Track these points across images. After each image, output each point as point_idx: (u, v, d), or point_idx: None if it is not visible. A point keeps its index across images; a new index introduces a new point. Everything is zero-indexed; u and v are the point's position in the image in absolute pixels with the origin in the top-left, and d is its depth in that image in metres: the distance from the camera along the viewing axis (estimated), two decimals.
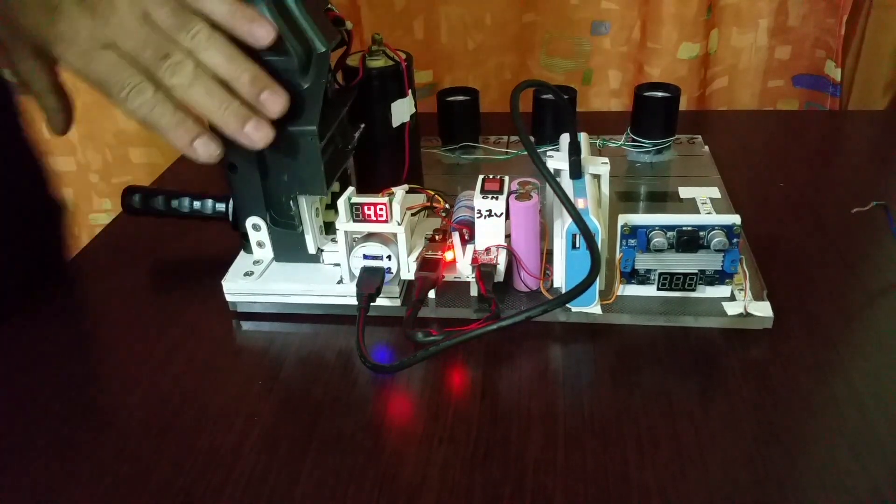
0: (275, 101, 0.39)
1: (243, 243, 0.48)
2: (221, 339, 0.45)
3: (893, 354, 0.40)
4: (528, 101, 0.63)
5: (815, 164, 0.63)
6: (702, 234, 0.41)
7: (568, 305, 0.43)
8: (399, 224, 0.43)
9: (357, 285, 0.43)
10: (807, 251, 0.49)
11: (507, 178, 0.45)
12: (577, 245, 0.41)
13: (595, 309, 0.43)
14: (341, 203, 0.42)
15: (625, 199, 0.56)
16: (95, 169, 0.92)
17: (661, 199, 0.55)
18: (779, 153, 0.64)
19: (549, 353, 0.42)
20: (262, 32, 0.38)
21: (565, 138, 0.47)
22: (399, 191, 0.44)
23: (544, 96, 0.62)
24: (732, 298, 0.43)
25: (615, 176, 0.53)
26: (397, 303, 0.45)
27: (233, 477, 0.35)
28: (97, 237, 0.58)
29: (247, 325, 0.46)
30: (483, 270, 0.43)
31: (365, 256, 0.43)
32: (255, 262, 0.47)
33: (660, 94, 0.60)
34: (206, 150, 0.39)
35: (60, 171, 0.92)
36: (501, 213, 0.43)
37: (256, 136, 0.39)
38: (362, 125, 0.49)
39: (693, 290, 0.43)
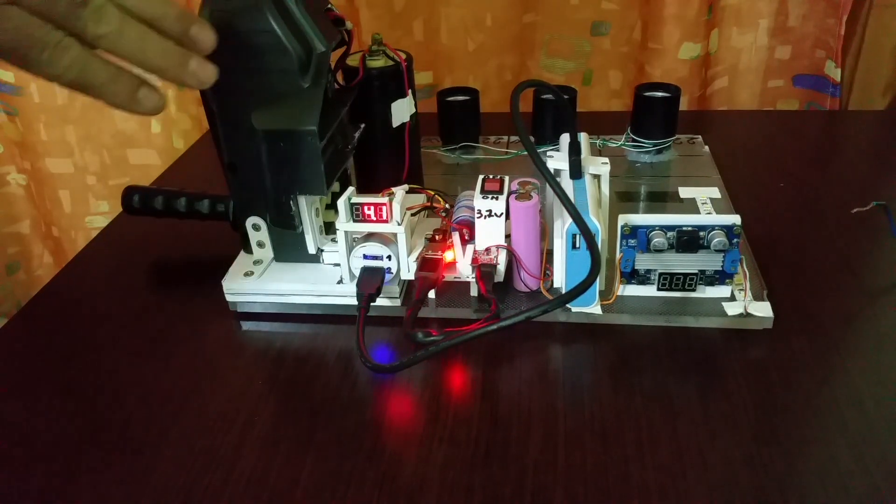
0: (206, 35, 0.35)
1: (243, 243, 0.48)
2: (221, 339, 0.45)
3: (893, 354, 0.40)
4: (528, 102, 0.63)
5: (815, 164, 0.62)
6: (702, 234, 0.41)
7: (568, 305, 0.43)
8: (399, 224, 0.43)
9: (357, 285, 0.43)
10: (807, 251, 0.49)
11: (507, 178, 0.45)
12: (577, 245, 0.41)
13: (595, 309, 0.43)
14: (341, 203, 0.42)
15: (625, 199, 0.56)
16: (93, 171, 0.92)
17: (661, 199, 0.55)
18: (779, 153, 0.64)
19: (549, 353, 0.42)
20: None
21: (565, 138, 0.47)
22: (399, 191, 0.44)
23: (544, 96, 0.62)
24: (732, 298, 0.43)
25: (615, 176, 0.53)
26: (397, 303, 0.45)
27: (233, 477, 0.35)
28: (97, 237, 0.58)
29: (247, 325, 0.46)
30: (483, 270, 0.43)
31: (365, 256, 0.43)
32: (255, 262, 0.47)
33: (660, 94, 0.60)
34: (151, 101, 0.34)
35: (57, 174, 0.92)
36: (501, 213, 0.43)
37: (203, 73, 0.35)
38: (362, 125, 0.49)
39: (693, 290, 0.43)
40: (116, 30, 0.32)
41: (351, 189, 0.43)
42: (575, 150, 0.44)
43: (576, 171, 0.44)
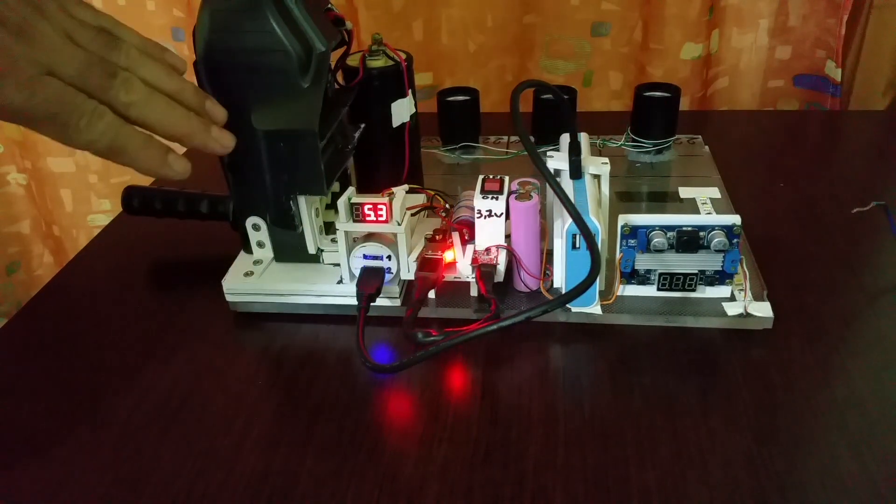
0: (219, 110, 0.39)
1: (243, 243, 0.48)
2: (221, 339, 0.45)
3: (893, 354, 0.40)
4: (528, 102, 0.63)
5: (815, 164, 0.62)
6: (702, 234, 0.41)
7: (568, 306, 0.43)
8: (399, 224, 0.43)
9: (357, 285, 0.43)
10: (807, 251, 0.49)
11: (507, 178, 0.45)
12: (577, 245, 0.41)
13: (595, 309, 0.43)
14: (341, 203, 0.42)
15: (625, 199, 0.56)
16: (95, 170, 0.92)
17: (661, 199, 0.55)
18: (779, 153, 0.64)
19: (549, 354, 0.42)
20: (178, 60, 0.38)
21: (565, 138, 0.47)
22: (399, 191, 0.44)
23: (544, 96, 0.62)
24: (732, 299, 0.43)
25: (615, 176, 0.53)
26: (397, 303, 0.45)
27: (233, 477, 0.35)
28: (97, 237, 0.58)
29: (247, 325, 0.46)
30: (483, 270, 0.43)
31: (365, 256, 0.43)
32: (255, 262, 0.47)
33: (660, 94, 0.60)
34: (180, 165, 0.37)
35: (59, 172, 0.92)
36: (501, 213, 0.43)
37: (224, 139, 0.39)
38: (362, 125, 0.49)
39: (693, 290, 0.43)
40: (144, 99, 0.35)
41: (351, 189, 0.43)
42: (575, 150, 0.44)
43: (576, 171, 0.44)
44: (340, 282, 0.45)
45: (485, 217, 0.43)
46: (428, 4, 0.80)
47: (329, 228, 0.47)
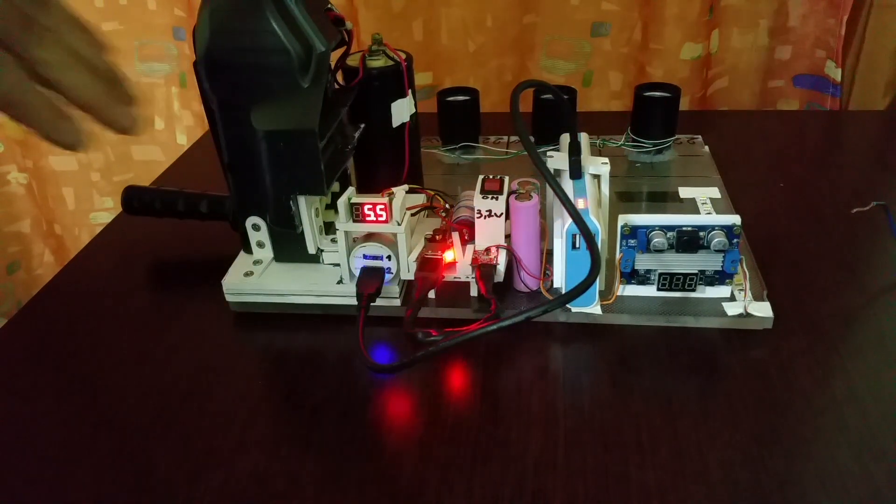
0: (131, 92, 0.37)
1: (243, 243, 0.48)
2: (221, 339, 0.45)
3: (893, 354, 0.40)
4: (528, 102, 0.63)
5: (815, 164, 0.62)
6: (702, 234, 0.41)
7: (568, 306, 0.43)
8: (399, 224, 0.43)
9: (357, 285, 0.43)
10: (807, 251, 0.49)
11: (507, 178, 0.45)
12: (577, 245, 0.41)
13: (595, 309, 0.43)
14: (341, 203, 0.42)
15: (625, 199, 0.56)
16: (97, 167, 0.92)
17: (661, 199, 0.55)
18: (779, 153, 0.64)
19: (549, 353, 0.42)
20: (102, 38, 0.37)
21: (565, 138, 0.47)
22: (399, 191, 0.44)
23: (544, 96, 0.62)
24: (732, 299, 0.43)
25: (615, 176, 0.53)
26: (397, 303, 0.45)
27: (233, 477, 0.35)
28: (97, 237, 0.58)
29: (247, 325, 0.46)
30: (483, 270, 0.43)
31: (365, 256, 0.43)
32: (255, 262, 0.47)
33: (660, 94, 0.60)
34: (72, 136, 0.35)
35: (60, 171, 0.92)
36: (501, 214, 0.43)
37: (127, 120, 0.37)
38: (362, 125, 0.49)
39: (693, 290, 0.43)
40: (60, 60, 0.34)
41: (351, 189, 0.43)
42: (575, 150, 0.44)
43: (576, 171, 0.44)
44: (340, 282, 0.45)
45: (485, 217, 0.43)
46: (428, 4, 0.80)
47: (329, 228, 0.47)
